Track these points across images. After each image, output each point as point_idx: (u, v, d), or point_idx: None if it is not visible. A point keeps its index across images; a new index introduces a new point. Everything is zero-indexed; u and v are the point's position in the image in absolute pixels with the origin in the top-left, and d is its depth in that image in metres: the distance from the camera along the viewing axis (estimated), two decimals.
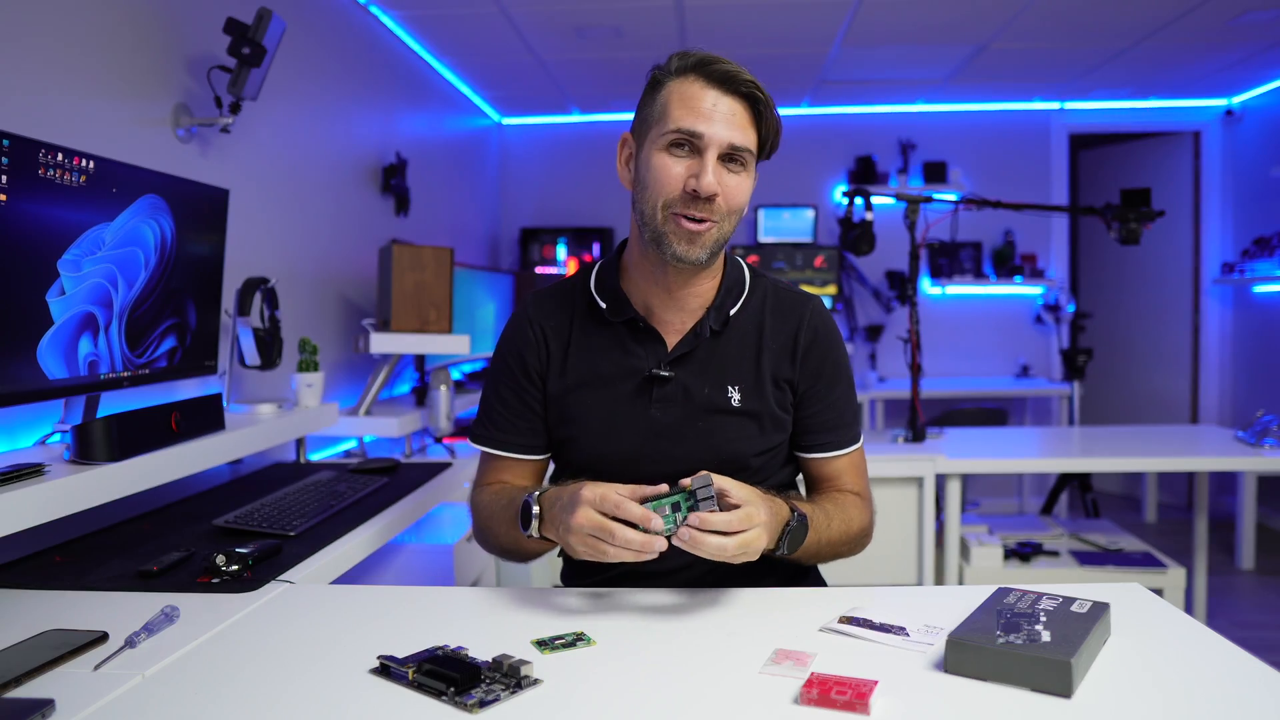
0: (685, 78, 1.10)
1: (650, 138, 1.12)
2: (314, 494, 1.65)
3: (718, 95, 1.09)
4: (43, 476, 1.24)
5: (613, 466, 1.17)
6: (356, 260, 2.95)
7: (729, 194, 1.10)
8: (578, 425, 1.20)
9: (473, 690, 0.80)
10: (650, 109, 1.13)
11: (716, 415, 1.18)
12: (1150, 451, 2.74)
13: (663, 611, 1.02)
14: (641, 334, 1.19)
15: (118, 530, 1.48)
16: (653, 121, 1.12)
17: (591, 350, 1.21)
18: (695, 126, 1.07)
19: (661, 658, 0.89)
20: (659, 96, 1.12)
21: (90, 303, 1.41)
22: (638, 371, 1.18)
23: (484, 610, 1.04)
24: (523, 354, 1.23)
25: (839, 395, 1.24)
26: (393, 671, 0.84)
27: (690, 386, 1.18)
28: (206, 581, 1.17)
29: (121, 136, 1.79)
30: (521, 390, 1.23)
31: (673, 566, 1.22)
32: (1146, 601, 1.03)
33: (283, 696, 0.82)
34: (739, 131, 1.09)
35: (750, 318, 1.22)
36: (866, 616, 0.97)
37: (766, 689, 0.81)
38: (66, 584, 1.19)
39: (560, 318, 1.24)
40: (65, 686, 0.84)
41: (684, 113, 1.08)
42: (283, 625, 1.02)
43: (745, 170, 1.12)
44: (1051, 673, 0.77)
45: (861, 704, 0.75)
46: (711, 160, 1.08)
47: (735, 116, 1.09)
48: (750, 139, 1.11)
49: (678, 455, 1.17)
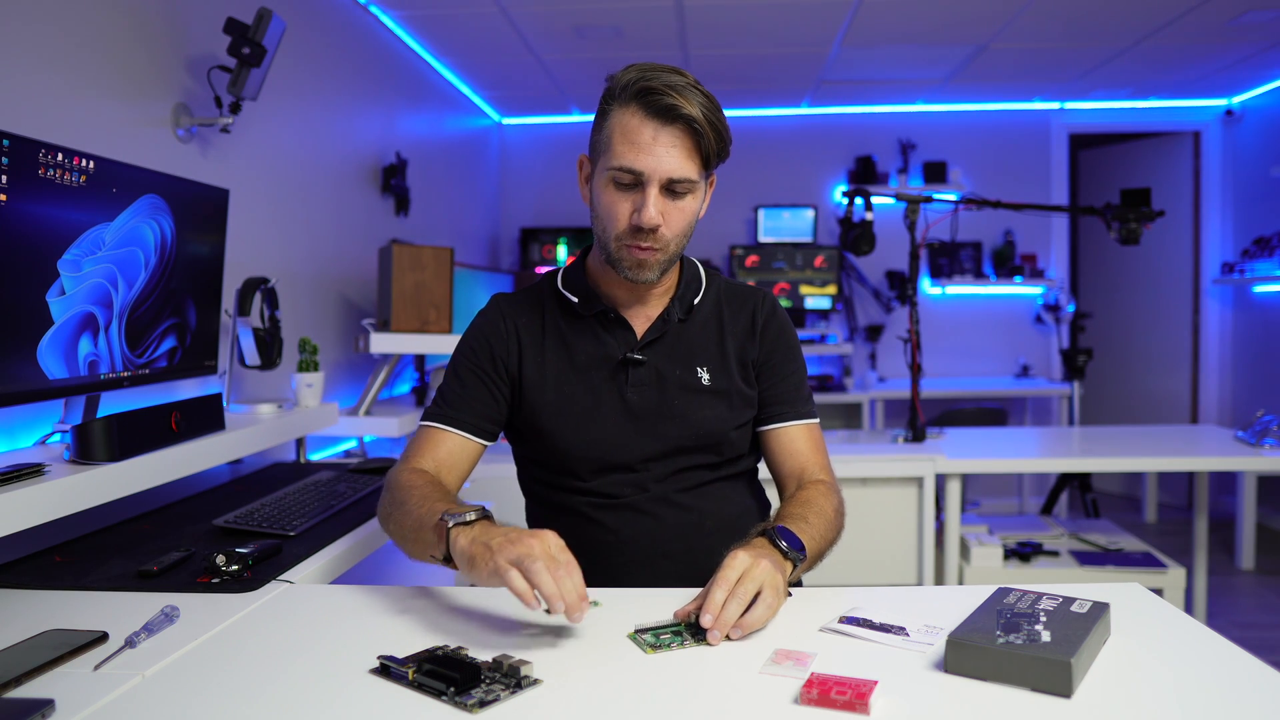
0: (627, 109, 1.13)
1: (599, 167, 1.18)
2: (314, 494, 1.65)
3: (657, 128, 1.11)
4: (43, 476, 1.24)
5: (596, 450, 1.23)
6: (356, 260, 2.95)
7: (671, 222, 1.16)
8: (559, 414, 1.24)
9: (473, 690, 0.80)
10: (599, 135, 1.18)
11: (689, 394, 1.25)
12: (1150, 451, 2.74)
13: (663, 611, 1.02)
14: (612, 324, 1.26)
15: (118, 530, 1.48)
16: (600, 150, 1.17)
17: (566, 342, 1.27)
18: (635, 164, 1.12)
19: (661, 657, 0.89)
20: (606, 126, 1.16)
21: (90, 303, 1.41)
22: (611, 358, 1.24)
23: (484, 610, 1.04)
24: (490, 344, 1.27)
25: (794, 370, 1.32)
26: (393, 671, 0.84)
27: (662, 369, 1.25)
28: (206, 581, 1.17)
29: (121, 136, 1.79)
30: (483, 375, 1.26)
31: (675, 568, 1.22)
32: (1146, 601, 1.03)
33: (282, 696, 0.82)
34: (678, 163, 1.13)
35: (710, 307, 1.31)
36: (866, 616, 0.97)
37: (766, 689, 0.81)
38: (66, 584, 1.19)
39: (530, 315, 1.29)
40: (65, 686, 0.84)
41: (625, 148, 1.12)
42: (283, 625, 1.02)
43: (691, 193, 1.17)
44: (1051, 673, 0.77)
45: (861, 704, 0.75)
46: (653, 194, 1.13)
47: (675, 149, 1.12)
48: (692, 168, 1.15)
49: (657, 434, 1.22)
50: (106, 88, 1.76)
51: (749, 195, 4.80)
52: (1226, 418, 4.74)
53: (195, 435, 1.60)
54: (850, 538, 1.25)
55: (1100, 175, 5.22)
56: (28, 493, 1.17)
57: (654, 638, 0.93)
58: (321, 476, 1.81)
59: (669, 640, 0.92)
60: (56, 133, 1.38)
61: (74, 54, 1.67)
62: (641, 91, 1.11)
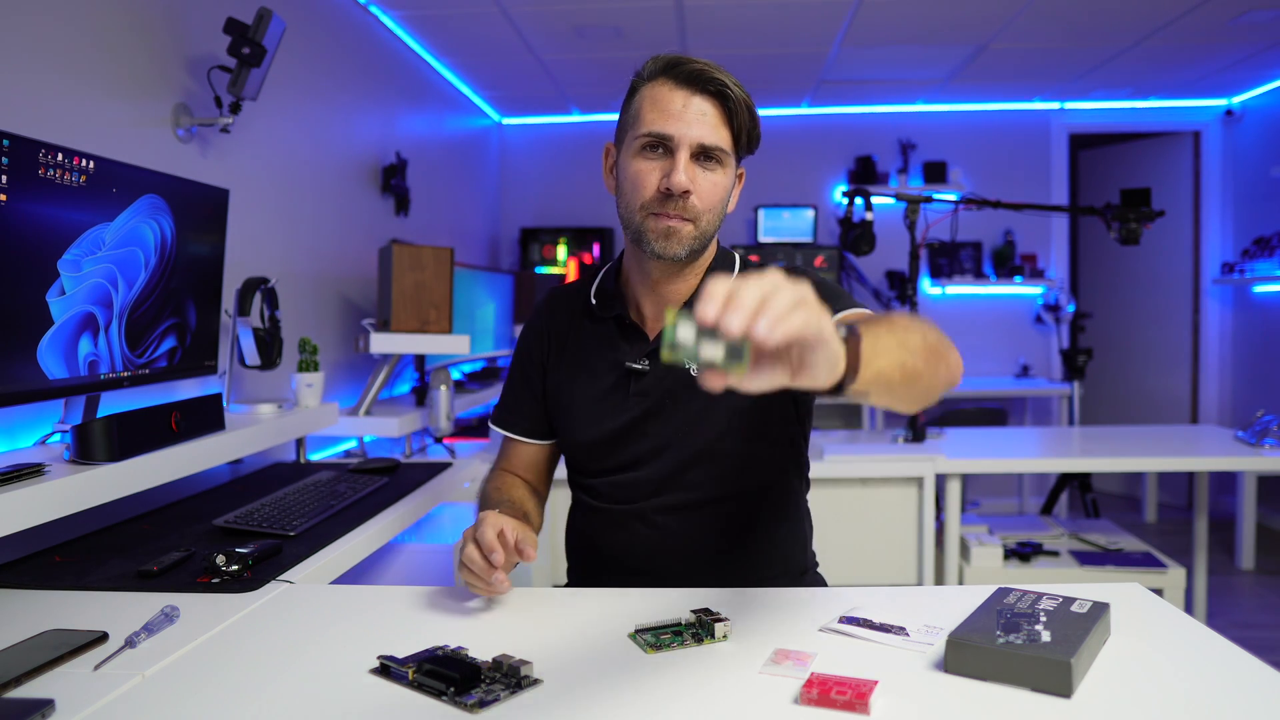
0: (655, 81, 1.12)
1: (626, 142, 1.16)
2: (314, 494, 1.65)
3: (687, 95, 1.10)
4: (43, 476, 1.24)
5: (603, 448, 1.25)
6: (356, 260, 2.95)
7: (702, 191, 1.12)
8: (569, 414, 1.27)
9: (473, 690, 0.80)
10: (626, 115, 1.17)
11: (696, 396, 1.17)
12: (1150, 451, 2.74)
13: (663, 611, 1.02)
14: (627, 329, 1.25)
15: (118, 530, 1.48)
16: (628, 127, 1.16)
17: (585, 345, 1.28)
18: (665, 128, 1.10)
19: (661, 657, 0.89)
20: (633, 103, 1.15)
21: (90, 303, 1.41)
22: (620, 365, 1.24)
23: (484, 610, 1.04)
24: (531, 346, 1.33)
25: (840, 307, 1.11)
26: (393, 671, 0.84)
27: (665, 376, 1.21)
28: (206, 581, 1.17)
29: (121, 136, 1.79)
30: (527, 378, 1.33)
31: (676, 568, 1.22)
32: (1146, 601, 1.03)
33: (283, 696, 0.82)
34: (710, 130, 1.11)
35: None
36: (866, 616, 0.97)
37: (766, 689, 0.81)
38: (66, 584, 1.19)
39: (566, 315, 1.32)
40: (65, 686, 0.84)
41: (655, 115, 1.11)
42: (283, 625, 1.02)
43: (722, 168, 1.14)
44: (1051, 673, 0.77)
45: (861, 704, 0.75)
46: (683, 159, 1.10)
47: (706, 116, 1.11)
48: (723, 137, 1.12)
49: (664, 434, 1.21)
50: (107, 88, 1.76)
51: (749, 195, 4.79)
52: (1226, 418, 4.73)
53: (195, 435, 1.60)
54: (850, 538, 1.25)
55: (1100, 175, 5.22)
56: (28, 493, 1.17)
57: (654, 638, 0.93)
58: (321, 476, 1.81)
59: (669, 640, 0.92)
60: (57, 133, 1.38)
61: (74, 54, 1.67)
62: (670, 64, 1.11)
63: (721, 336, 0.65)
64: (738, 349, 0.66)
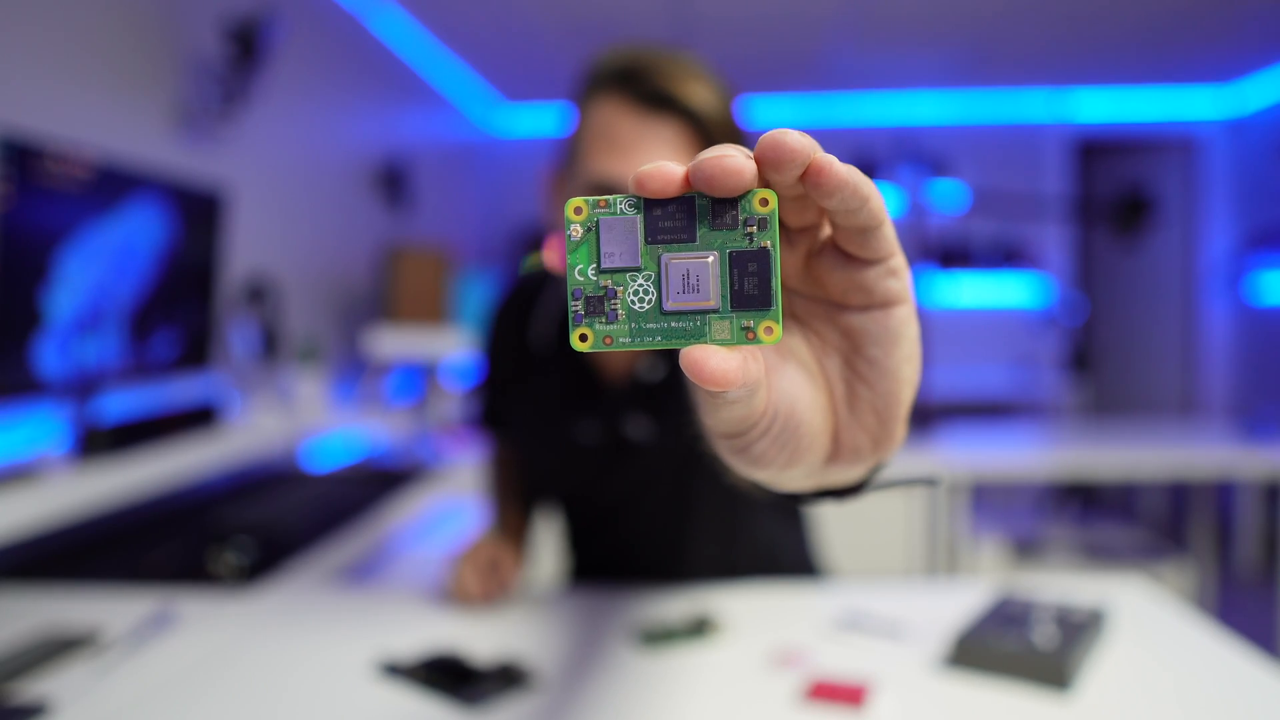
0: (607, 95, 0.85)
1: (570, 176, 0.90)
2: (313, 494, 1.65)
3: (643, 120, 0.83)
4: (43, 477, 1.24)
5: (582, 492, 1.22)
6: (356, 260, 2.95)
7: None
8: (532, 469, 1.25)
9: (472, 690, 0.80)
10: (572, 136, 0.90)
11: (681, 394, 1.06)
12: (1150, 450, 2.73)
13: (663, 611, 1.02)
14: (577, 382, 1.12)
15: (116, 529, 1.48)
16: (573, 155, 0.89)
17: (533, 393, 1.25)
18: (612, 168, 0.82)
19: (661, 657, 0.89)
20: (580, 122, 0.89)
21: (90, 302, 1.41)
22: (575, 419, 1.17)
23: (484, 610, 1.04)
24: (495, 351, 1.30)
25: None
26: (392, 672, 0.84)
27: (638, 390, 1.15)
28: (206, 582, 1.17)
29: (121, 136, 1.79)
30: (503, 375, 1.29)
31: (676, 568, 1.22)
32: (1146, 601, 1.03)
33: (283, 696, 0.82)
34: None
35: None
36: (866, 615, 0.97)
37: (766, 689, 0.81)
38: (64, 584, 1.19)
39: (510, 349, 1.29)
40: (61, 686, 0.84)
41: (601, 149, 0.83)
42: (283, 625, 1.02)
43: None
44: (1051, 672, 0.77)
45: (862, 703, 0.75)
46: None
47: (668, 145, 0.82)
48: None
49: (653, 440, 1.12)
50: (106, 88, 1.76)
51: None
52: (1226, 417, 4.73)
53: (195, 435, 1.60)
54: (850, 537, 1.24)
55: (1100, 175, 5.22)
56: (28, 493, 1.17)
57: (654, 637, 0.93)
58: (320, 477, 1.81)
59: (669, 640, 0.92)
60: (56, 133, 1.38)
61: (74, 54, 1.67)
62: (624, 74, 0.84)
63: None
64: None
